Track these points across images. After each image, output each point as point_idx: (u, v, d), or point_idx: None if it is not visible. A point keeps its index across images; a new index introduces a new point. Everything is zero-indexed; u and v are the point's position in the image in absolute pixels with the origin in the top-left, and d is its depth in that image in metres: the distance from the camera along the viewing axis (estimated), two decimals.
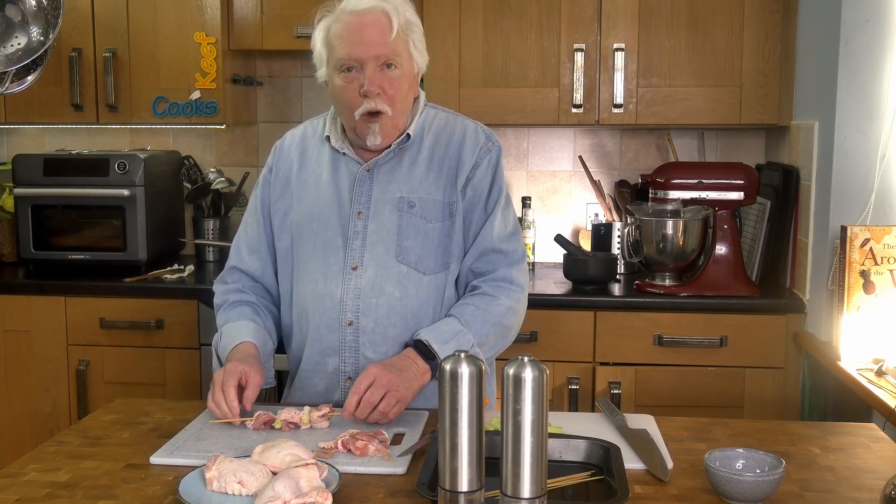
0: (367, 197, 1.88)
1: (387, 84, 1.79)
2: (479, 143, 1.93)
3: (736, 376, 2.72)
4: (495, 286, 1.89)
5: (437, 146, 1.92)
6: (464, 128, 1.95)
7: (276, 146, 2.03)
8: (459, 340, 1.80)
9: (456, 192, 1.89)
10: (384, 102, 1.80)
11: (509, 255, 1.91)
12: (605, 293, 2.83)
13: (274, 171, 1.99)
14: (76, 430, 1.72)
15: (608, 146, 3.38)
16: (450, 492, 1.24)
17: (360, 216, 1.87)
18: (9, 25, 2.47)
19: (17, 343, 2.99)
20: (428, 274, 1.87)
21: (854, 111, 2.45)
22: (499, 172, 1.94)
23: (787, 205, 2.81)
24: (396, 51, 1.79)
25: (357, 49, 1.77)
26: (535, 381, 1.18)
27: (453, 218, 1.89)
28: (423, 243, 1.86)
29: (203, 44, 3.12)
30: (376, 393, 1.67)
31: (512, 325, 1.92)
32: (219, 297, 2.01)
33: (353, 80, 1.80)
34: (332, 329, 1.86)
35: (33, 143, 3.58)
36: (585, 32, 2.96)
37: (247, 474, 1.39)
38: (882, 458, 1.59)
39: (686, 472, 1.50)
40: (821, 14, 2.61)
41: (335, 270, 1.86)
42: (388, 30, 1.77)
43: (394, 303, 1.85)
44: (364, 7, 1.77)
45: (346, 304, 1.85)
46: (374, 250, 1.86)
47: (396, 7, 1.78)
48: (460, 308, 1.87)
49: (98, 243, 3.13)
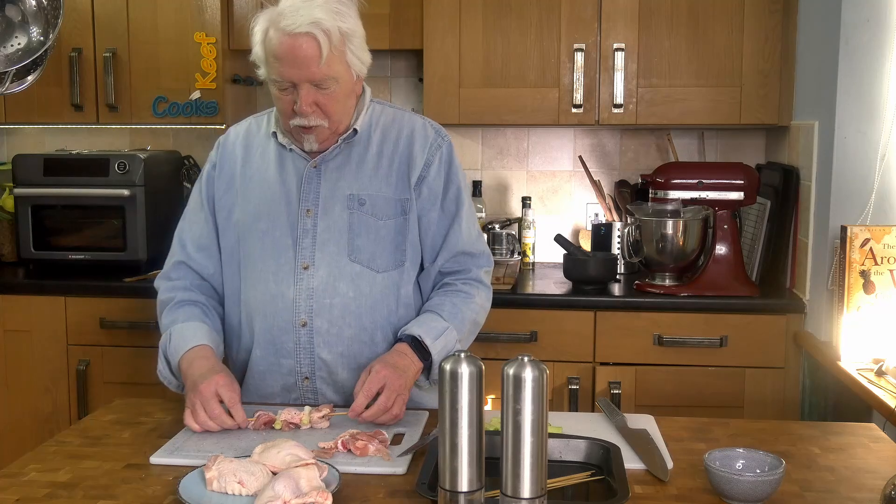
0: (315, 194, 1.87)
1: (321, 100, 1.79)
2: (429, 140, 1.92)
3: (736, 376, 2.72)
4: (470, 285, 1.91)
5: (386, 143, 1.91)
6: (412, 124, 1.94)
7: (220, 141, 2.00)
8: (447, 337, 1.83)
9: (409, 190, 1.89)
10: (318, 117, 1.80)
11: (478, 257, 1.94)
12: (605, 293, 2.83)
13: (218, 168, 1.96)
14: (76, 430, 1.72)
15: (608, 146, 3.38)
16: (450, 492, 1.24)
17: (309, 213, 1.86)
18: (9, 25, 2.47)
19: (17, 343, 2.99)
20: (381, 272, 1.87)
21: (854, 111, 2.45)
22: (453, 169, 1.93)
23: (787, 205, 2.81)
24: (329, 73, 1.75)
25: (288, 72, 1.75)
26: (535, 381, 1.18)
27: (406, 215, 1.88)
28: (375, 241, 1.86)
29: (203, 44, 3.12)
30: (390, 398, 1.68)
31: (481, 323, 1.97)
32: (163, 293, 1.96)
33: (287, 94, 1.79)
34: (284, 330, 1.85)
35: (33, 143, 3.58)
36: (585, 32, 2.96)
37: (247, 474, 1.39)
38: (882, 458, 1.59)
39: (686, 472, 1.50)
40: (821, 14, 2.61)
41: (286, 270, 1.85)
42: (318, 55, 1.72)
43: (348, 302, 1.84)
44: (296, 29, 1.71)
45: (300, 305, 1.84)
46: (325, 249, 1.85)
47: (328, 29, 1.72)
48: (438, 303, 1.87)
49: (98, 243, 3.13)
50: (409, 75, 3.43)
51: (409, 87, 3.44)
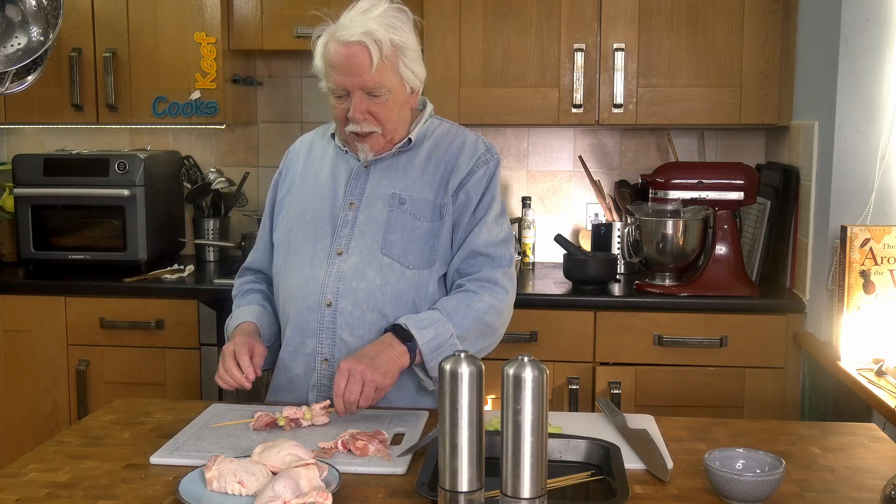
0: (360, 190, 1.95)
1: (374, 109, 1.87)
2: (478, 153, 1.98)
3: (736, 376, 2.72)
4: (479, 284, 1.92)
5: (436, 151, 1.98)
6: (464, 138, 2.01)
7: (289, 150, 2.13)
8: (438, 329, 1.83)
9: (447, 195, 1.94)
10: (371, 125, 1.88)
11: (496, 259, 1.94)
12: (605, 293, 2.83)
13: (283, 172, 2.09)
14: (76, 430, 1.72)
15: (608, 146, 3.38)
16: (450, 492, 1.24)
17: (352, 207, 1.94)
18: (9, 25, 2.47)
19: (17, 343, 2.99)
20: (411, 268, 1.90)
21: (854, 111, 2.45)
22: (493, 183, 1.98)
23: (787, 205, 2.81)
24: (381, 81, 1.84)
25: (342, 80, 1.84)
26: (535, 381, 1.18)
27: (442, 219, 1.93)
28: (408, 239, 1.91)
29: (203, 44, 3.12)
30: (355, 388, 1.70)
31: (494, 325, 1.94)
32: (236, 288, 2.12)
33: (342, 103, 1.88)
34: (311, 310, 1.91)
35: (33, 143, 3.58)
36: (585, 32, 2.96)
37: (247, 474, 1.39)
38: (882, 458, 1.59)
39: (686, 472, 1.50)
40: (821, 14, 2.61)
41: (322, 255, 1.92)
42: (368, 64, 1.81)
43: (373, 289, 1.88)
44: (349, 39, 1.81)
45: (328, 287, 1.89)
46: (361, 239, 1.91)
47: (380, 39, 1.81)
48: (443, 301, 1.90)
49: (98, 243, 3.13)
50: None
51: None
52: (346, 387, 1.70)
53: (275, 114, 3.51)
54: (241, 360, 1.80)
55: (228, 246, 3.33)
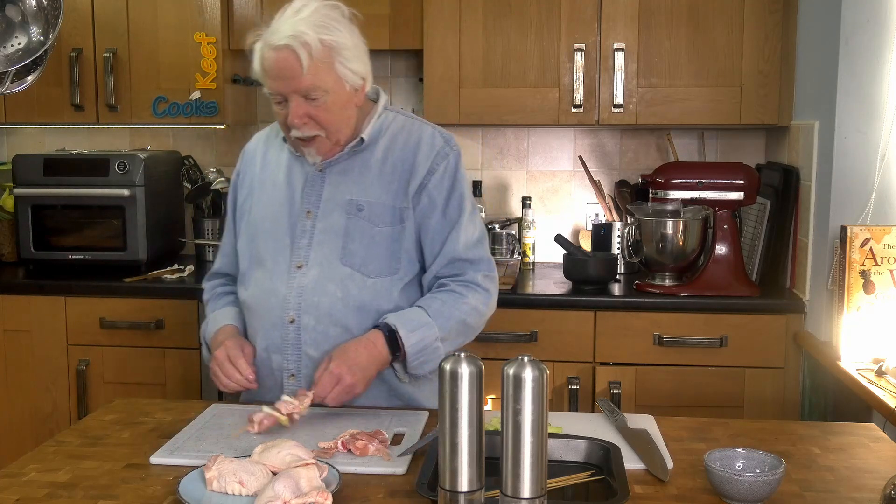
0: (317, 197, 1.92)
1: (313, 112, 1.82)
2: (436, 149, 1.93)
3: (736, 376, 2.72)
4: (463, 286, 1.91)
5: (392, 150, 1.93)
6: (420, 132, 1.95)
7: (244, 150, 2.09)
8: (425, 331, 1.83)
9: (407, 199, 1.90)
10: (313, 129, 1.84)
11: (475, 263, 1.93)
12: (605, 293, 2.83)
13: (241, 175, 2.06)
14: (76, 430, 1.72)
15: (608, 146, 3.38)
16: (450, 492, 1.24)
17: (309, 216, 1.91)
18: (9, 25, 2.47)
19: (17, 343, 2.99)
20: (372, 277, 1.88)
21: (854, 111, 2.45)
22: (458, 177, 1.94)
23: (787, 205, 2.81)
24: (315, 84, 1.78)
25: (276, 85, 1.81)
26: (535, 381, 1.18)
27: (403, 223, 1.90)
28: (368, 247, 1.88)
29: (203, 44, 3.11)
30: (328, 385, 1.73)
31: (475, 326, 1.94)
32: (206, 293, 2.11)
33: (282, 108, 1.84)
34: (275, 326, 1.89)
35: (33, 143, 3.58)
36: (585, 32, 2.96)
37: (247, 474, 1.39)
38: (882, 458, 1.59)
39: (686, 472, 1.50)
40: (821, 14, 2.61)
41: (282, 269, 1.90)
42: (298, 67, 1.76)
43: (335, 302, 1.87)
44: (277, 43, 1.77)
45: (289, 302, 1.88)
46: (319, 250, 1.88)
47: (308, 42, 1.75)
48: (428, 301, 1.89)
49: (98, 243, 3.13)
50: (409, 75, 3.43)
51: (409, 87, 3.43)
52: (321, 380, 1.73)
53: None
54: (238, 363, 1.80)
55: None
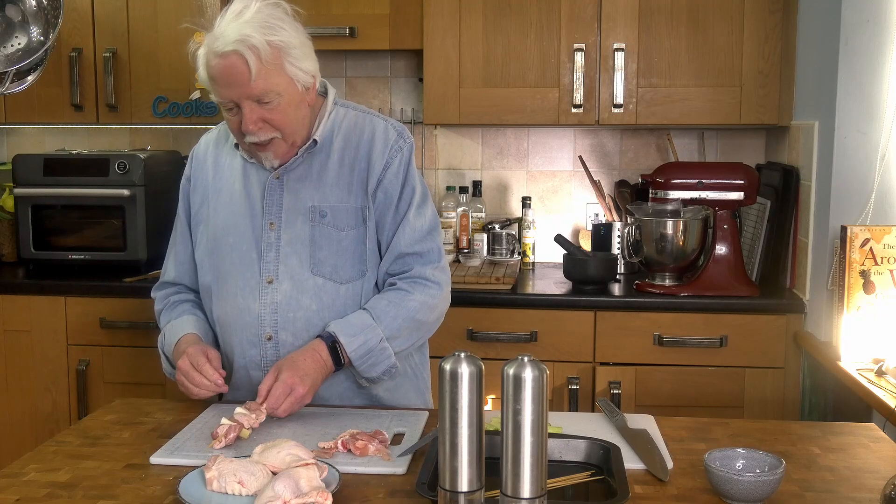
0: (278, 206, 1.87)
1: (267, 116, 1.77)
2: (390, 143, 1.89)
3: (736, 376, 2.72)
4: (411, 282, 1.88)
5: (347, 149, 1.89)
6: (373, 128, 1.91)
7: (192, 153, 2.03)
8: (368, 334, 1.81)
9: (367, 198, 1.87)
10: (269, 132, 1.79)
11: (424, 256, 1.89)
12: (605, 293, 2.83)
13: (192, 181, 1.99)
14: (76, 430, 1.72)
15: (608, 146, 3.38)
16: (450, 492, 1.24)
17: (273, 227, 1.87)
18: (9, 25, 2.47)
19: (17, 343, 2.99)
20: (344, 283, 1.86)
21: (854, 111, 2.45)
22: (410, 171, 1.91)
23: (787, 205, 2.81)
24: (266, 87, 1.74)
25: (226, 92, 1.76)
26: (535, 381, 1.18)
27: (366, 224, 1.88)
28: (337, 253, 1.86)
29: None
30: (281, 396, 1.70)
31: (427, 321, 1.91)
32: (158, 303, 2.04)
33: (234, 115, 1.79)
34: (253, 344, 1.87)
35: (33, 143, 3.58)
36: (585, 32, 2.96)
37: (247, 474, 1.39)
38: (882, 458, 1.59)
39: (686, 472, 1.50)
40: (821, 14, 2.61)
41: (252, 284, 1.86)
42: (247, 72, 1.72)
43: (311, 315, 1.85)
44: (223, 49, 1.72)
45: (265, 319, 1.85)
46: (288, 262, 1.85)
47: (255, 45, 1.71)
48: (374, 302, 1.86)
49: (98, 243, 3.13)
50: (409, 75, 3.43)
51: (409, 87, 3.43)
52: (272, 392, 1.69)
53: None
54: (203, 369, 1.75)
55: None
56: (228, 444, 1.60)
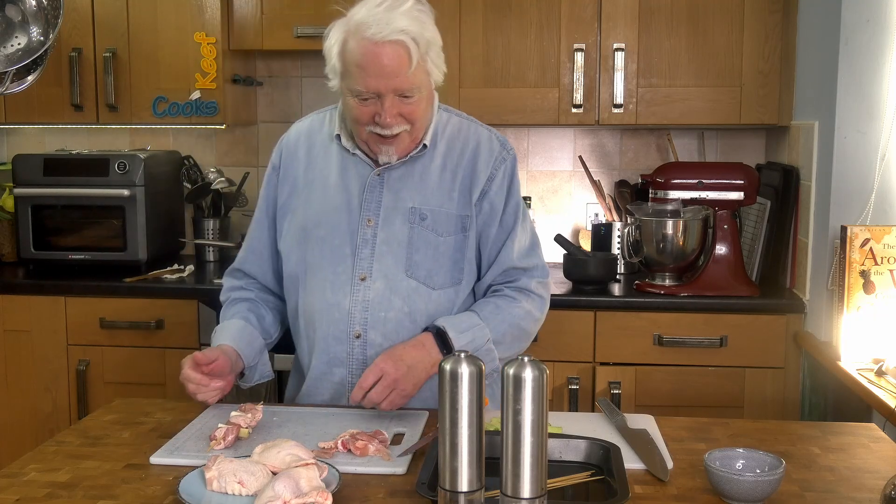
0: (377, 203, 1.85)
1: (405, 111, 1.76)
2: (494, 154, 1.89)
3: (736, 376, 2.72)
4: (517, 291, 1.88)
5: (450, 155, 1.88)
6: (477, 137, 1.91)
7: (281, 142, 1.98)
8: (476, 333, 1.79)
9: (470, 206, 1.86)
10: (402, 125, 1.77)
11: (529, 270, 1.90)
12: (605, 293, 2.83)
13: (281, 171, 1.94)
14: (76, 430, 1.72)
15: (608, 146, 3.38)
16: (450, 492, 1.23)
17: (370, 223, 1.84)
18: (9, 25, 2.47)
19: (17, 343, 2.99)
20: (438, 289, 1.84)
21: (854, 111, 2.45)
22: (514, 183, 1.90)
23: (787, 205, 2.81)
24: (416, 81, 1.73)
25: (374, 82, 1.70)
26: (535, 381, 1.18)
27: (466, 232, 1.85)
28: (433, 257, 1.83)
29: (203, 44, 3.11)
30: (382, 392, 1.68)
31: (529, 331, 1.91)
32: (223, 293, 2.01)
33: (367, 105, 1.75)
34: (339, 340, 1.84)
35: (33, 143, 3.58)
36: (585, 32, 2.96)
37: (247, 474, 1.39)
38: (882, 458, 1.59)
39: (686, 472, 1.50)
40: (821, 14, 2.61)
41: (343, 280, 1.83)
42: (407, 64, 1.69)
43: (402, 318, 1.83)
44: (385, 38, 1.67)
45: (355, 317, 1.83)
46: (383, 261, 1.83)
47: (416, 37, 1.69)
48: (481, 305, 1.86)
49: (98, 243, 3.13)
50: None
51: None
52: (375, 387, 1.67)
53: (275, 114, 3.50)
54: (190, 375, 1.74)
55: (228, 246, 3.32)
56: (227, 446, 1.60)
